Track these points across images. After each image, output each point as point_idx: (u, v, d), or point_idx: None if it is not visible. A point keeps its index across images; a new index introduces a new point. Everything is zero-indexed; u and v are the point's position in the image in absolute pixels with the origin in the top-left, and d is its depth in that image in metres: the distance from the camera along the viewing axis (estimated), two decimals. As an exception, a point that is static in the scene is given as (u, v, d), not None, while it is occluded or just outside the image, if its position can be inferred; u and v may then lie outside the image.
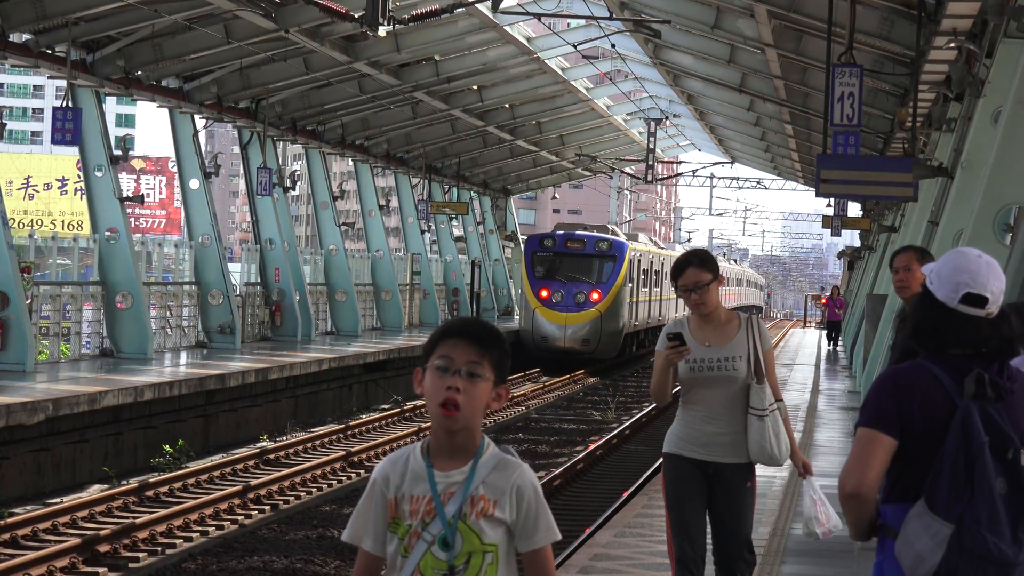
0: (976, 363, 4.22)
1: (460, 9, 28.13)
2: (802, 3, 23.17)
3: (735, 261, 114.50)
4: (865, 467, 4.16)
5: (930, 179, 19.62)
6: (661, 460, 7.63)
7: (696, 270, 7.25)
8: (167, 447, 22.41)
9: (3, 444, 18.56)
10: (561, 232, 43.72)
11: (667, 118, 48.47)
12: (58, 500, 18.47)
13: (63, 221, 79.27)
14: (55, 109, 25.27)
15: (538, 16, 30.40)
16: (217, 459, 22.24)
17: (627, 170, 60.48)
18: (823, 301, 61.71)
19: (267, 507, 18.66)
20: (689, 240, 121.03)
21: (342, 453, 22.83)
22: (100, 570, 14.61)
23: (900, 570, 4.17)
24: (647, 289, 47.68)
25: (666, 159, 62.29)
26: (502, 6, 30.12)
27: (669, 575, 10.14)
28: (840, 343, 43.55)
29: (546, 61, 36.43)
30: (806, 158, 44.35)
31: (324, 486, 20.61)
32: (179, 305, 29.71)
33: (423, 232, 45.77)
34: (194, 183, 30.91)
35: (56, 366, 24.22)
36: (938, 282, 4.34)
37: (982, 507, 4.06)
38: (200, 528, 16.91)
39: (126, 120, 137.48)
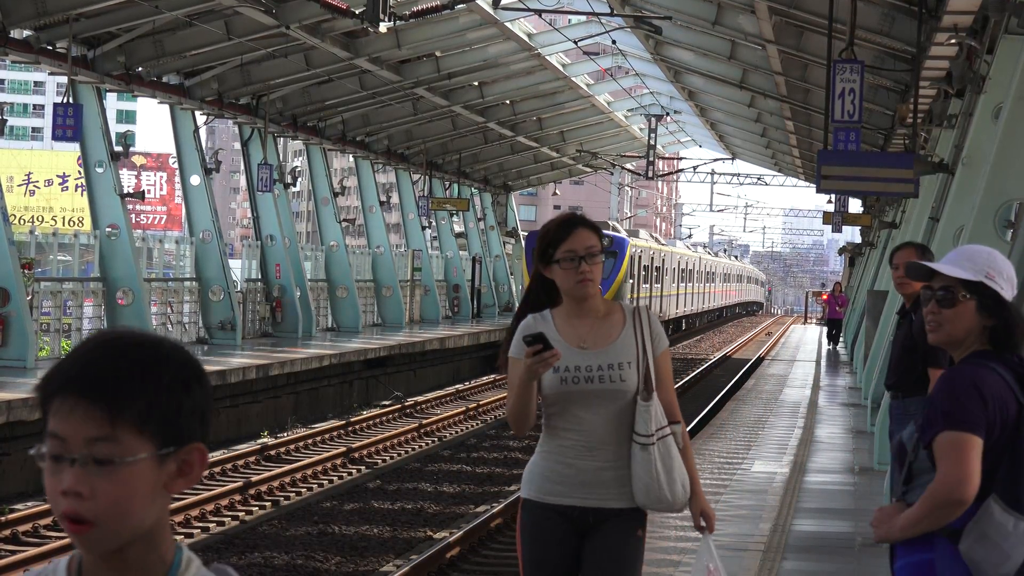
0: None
1: (461, 5, 28.12)
2: (803, -1, 23.16)
3: (736, 257, 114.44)
4: (972, 473, 4.17)
5: (931, 175, 19.62)
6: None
7: (588, 232, 5.33)
8: (168, 443, 22.38)
9: (4, 440, 18.57)
10: (562, 228, 43.63)
11: (668, 114, 48.43)
12: (59, 496, 18.45)
13: (64, 217, 79.27)
14: (56, 105, 25.27)
15: (539, 12, 30.38)
16: (218, 455, 22.24)
17: (628, 166, 60.46)
18: (823, 297, 61.69)
19: (268, 503, 18.67)
20: (690, 236, 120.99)
21: (343, 449, 22.84)
22: (101, 566, 14.61)
23: (961, 569, 4.17)
24: (648, 285, 47.66)
25: (667, 155, 62.27)
26: (503, 2, 30.10)
27: (671, 571, 10.15)
28: (841, 342, 43.38)
29: (547, 57, 36.42)
30: (807, 154, 44.33)
31: (325, 482, 20.62)
32: (180, 301, 29.72)
33: (424, 228, 45.76)
34: (195, 179, 30.91)
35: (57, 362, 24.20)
36: (1007, 285, 4.37)
37: None
38: (201, 524, 16.92)
39: (127, 116, 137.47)
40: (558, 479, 5.32)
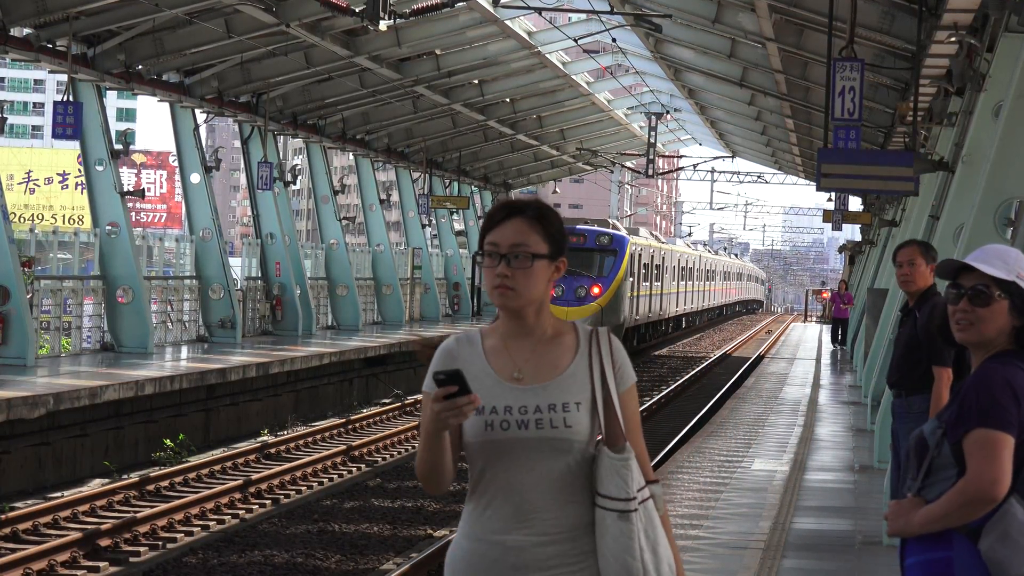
0: None
1: (461, 3, 28.12)
2: (803, -3, 23.16)
3: (736, 255, 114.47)
4: (1006, 472, 4.15)
5: (931, 173, 19.62)
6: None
7: (524, 225, 3.97)
8: (168, 441, 22.41)
9: (4, 438, 18.56)
10: (562, 226, 43.65)
11: (668, 112, 48.43)
12: (59, 494, 18.48)
13: (64, 215, 79.29)
14: (56, 103, 25.28)
15: (539, 10, 30.37)
16: (218, 453, 22.25)
17: (628, 164, 60.45)
18: (824, 295, 61.73)
19: (268, 501, 18.67)
20: (690, 234, 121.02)
21: (343, 447, 22.84)
22: (101, 564, 14.63)
23: (980, 568, 4.17)
24: (648, 284, 47.67)
25: (667, 153, 62.30)
26: (502, 0, 30.12)
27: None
28: (844, 343, 43.12)
29: (547, 55, 36.41)
30: (807, 152, 44.33)
31: (325, 480, 20.62)
32: (180, 299, 29.72)
33: (424, 226, 45.77)
34: (195, 177, 30.91)
35: (57, 360, 24.23)
36: None
37: None
38: (201, 522, 16.92)
39: (127, 114, 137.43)
40: (484, 565, 3.94)
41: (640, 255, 45.57)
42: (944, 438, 4.28)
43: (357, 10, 24.01)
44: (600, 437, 3.97)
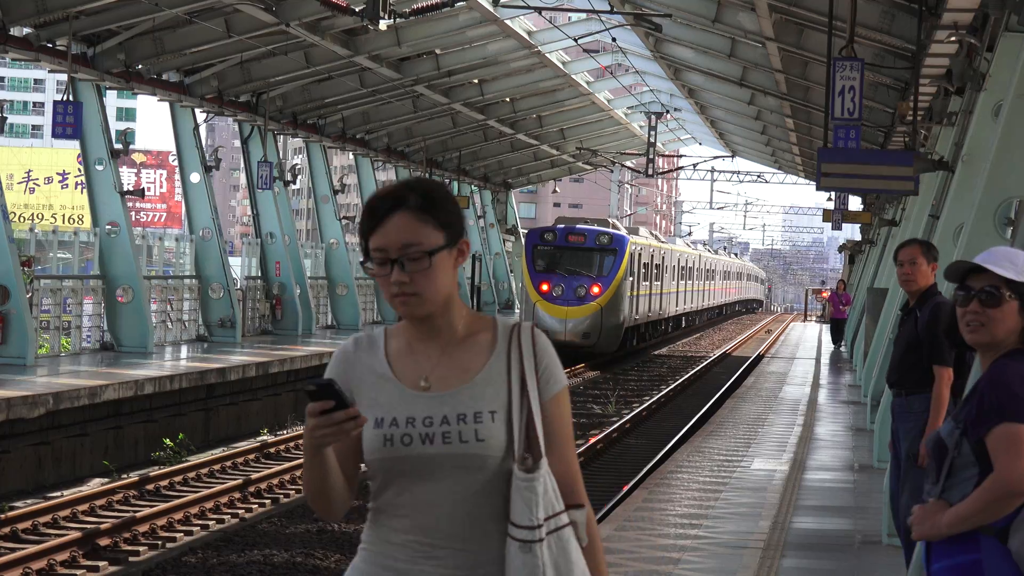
0: None
1: (461, 3, 28.14)
2: (803, -3, 23.16)
3: (735, 255, 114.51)
4: None
5: (931, 173, 19.61)
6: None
7: (411, 219, 3.40)
8: (167, 441, 22.41)
9: (3, 438, 18.56)
10: (562, 226, 43.70)
11: (668, 112, 48.44)
12: (58, 494, 18.48)
13: (64, 215, 79.29)
14: (56, 103, 25.29)
15: (539, 10, 30.39)
16: (218, 453, 22.25)
17: (628, 164, 60.48)
18: (823, 295, 61.75)
19: (267, 501, 18.66)
20: (690, 233, 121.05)
21: (343, 447, 22.84)
22: (100, 564, 14.62)
23: (1011, 568, 4.16)
24: (648, 283, 47.67)
25: (667, 153, 62.32)
26: (503, 0, 30.12)
27: (670, 569, 10.16)
28: (843, 345, 43.08)
29: (547, 55, 36.42)
30: (807, 152, 44.33)
31: (325, 480, 20.58)
32: (180, 299, 29.72)
33: (424, 226, 45.74)
34: (195, 177, 30.91)
35: (56, 360, 24.23)
36: None
37: None
38: (200, 522, 16.91)
39: (127, 114, 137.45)
40: None
41: (640, 254, 45.57)
42: (963, 438, 4.27)
43: (357, 9, 24.01)
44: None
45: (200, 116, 31.28)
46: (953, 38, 18.99)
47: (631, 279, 43.82)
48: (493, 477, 3.38)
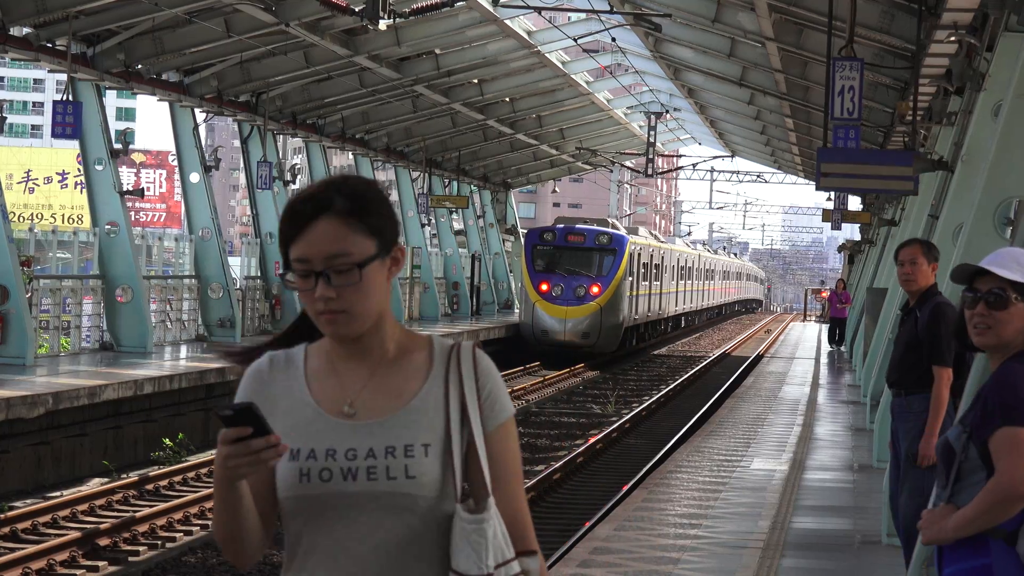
0: None
1: (460, 3, 28.13)
2: (802, -3, 23.16)
3: (735, 255, 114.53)
4: None
5: (930, 173, 19.61)
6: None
7: (337, 224, 2.93)
8: (167, 441, 22.40)
9: (3, 438, 18.56)
10: (561, 226, 43.72)
11: (667, 112, 48.44)
12: (58, 494, 18.48)
13: (63, 215, 79.27)
14: (55, 103, 25.29)
15: (538, 10, 30.39)
16: (217, 453, 22.23)
17: (627, 164, 60.48)
18: (823, 295, 61.74)
19: (267, 501, 18.65)
20: (689, 233, 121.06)
21: (342, 447, 22.85)
22: (100, 564, 14.62)
23: (1020, 571, 4.16)
24: (647, 283, 47.69)
25: (666, 153, 62.30)
26: (502, 0, 30.12)
27: (670, 568, 10.16)
28: (842, 344, 43.05)
29: (546, 55, 36.42)
30: (806, 152, 44.33)
31: (324, 480, 20.58)
32: (179, 299, 29.72)
33: (423, 226, 45.77)
34: (194, 177, 30.90)
35: (56, 360, 24.23)
36: None
37: None
38: (200, 522, 16.91)
39: (126, 114, 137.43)
40: None
41: (639, 254, 45.58)
42: (970, 442, 4.27)
43: (357, 9, 24.01)
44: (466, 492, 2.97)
45: (200, 116, 31.27)
46: (953, 38, 19.00)
47: (630, 279, 43.83)
48: (426, 520, 2.92)
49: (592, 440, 24.04)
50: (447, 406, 2.96)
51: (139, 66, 27.50)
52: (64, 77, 25.64)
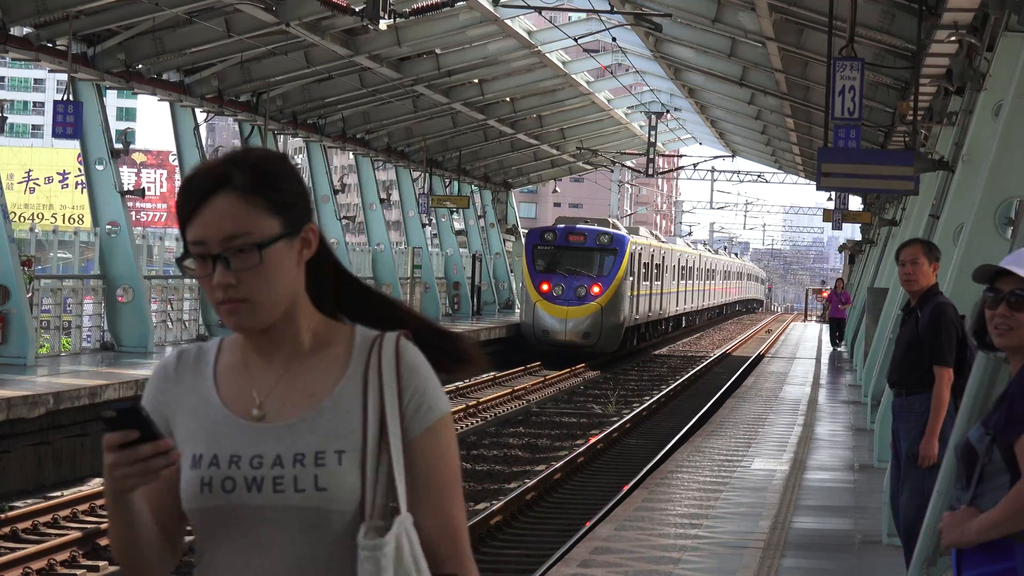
0: None
1: (461, 3, 28.13)
2: (803, -4, 23.17)
3: (736, 255, 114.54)
4: None
5: (931, 172, 19.61)
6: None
7: (236, 201, 2.58)
8: (168, 441, 22.40)
9: (4, 438, 18.56)
10: (562, 226, 43.73)
11: (668, 112, 48.45)
12: (59, 494, 18.48)
13: (64, 215, 79.30)
14: (56, 103, 25.30)
15: (539, 10, 30.39)
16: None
17: (628, 164, 60.49)
18: (823, 295, 61.70)
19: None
20: (690, 233, 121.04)
21: (343, 447, 22.85)
22: (100, 563, 14.62)
23: None
24: (648, 283, 47.70)
25: (667, 153, 62.28)
26: (503, 0, 30.12)
27: (670, 568, 10.16)
28: (842, 344, 43.09)
29: (547, 55, 36.42)
30: (807, 151, 44.33)
31: (325, 479, 20.57)
32: (180, 299, 29.72)
33: (424, 226, 45.78)
34: (195, 177, 30.91)
35: (57, 360, 24.23)
36: None
37: None
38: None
39: (127, 114, 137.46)
40: None
41: (640, 254, 45.58)
42: (993, 444, 4.23)
43: (357, 9, 24.01)
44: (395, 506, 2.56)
45: (200, 116, 31.27)
46: (953, 38, 19.00)
47: (631, 279, 43.84)
48: (343, 540, 2.53)
49: (593, 440, 24.05)
50: (365, 406, 2.57)
51: (139, 66, 27.50)
52: (65, 77, 25.65)
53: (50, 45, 24.95)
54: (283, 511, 2.53)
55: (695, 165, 68.55)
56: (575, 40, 35.03)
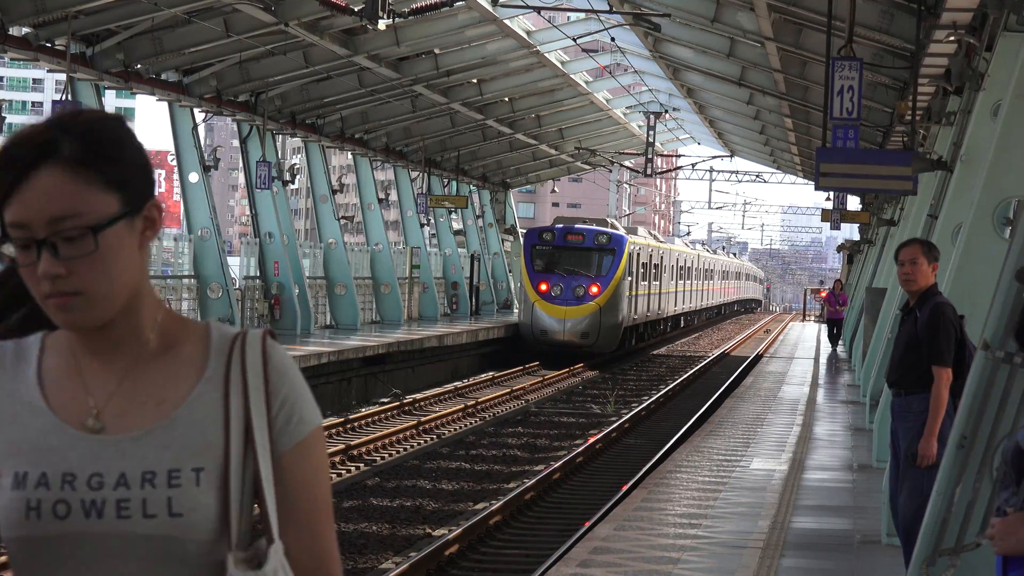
0: None
1: (460, 3, 28.15)
2: (802, -4, 23.18)
3: (734, 255, 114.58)
4: None
5: (929, 172, 19.62)
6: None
7: (63, 176, 2.10)
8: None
9: None
10: (560, 226, 43.73)
11: (666, 111, 48.45)
12: None
13: (62, 215, 79.37)
14: (55, 102, 25.34)
15: (537, 9, 30.40)
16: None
17: (626, 164, 60.50)
18: (822, 295, 61.77)
19: (267, 500, 18.63)
20: (689, 233, 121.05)
21: (342, 447, 22.83)
22: None
23: None
24: (646, 283, 47.71)
25: (665, 153, 62.28)
26: (501, 0, 30.13)
27: (670, 568, 10.16)
28: (841, 344, 43.13)
29: (545, 55, 36.43)
30: (805, 151, 44.34)
31: (324, 479, 20.56)
32: (178, 299, 29.73)
33: (422, 226, 45.78)
34: (193, 177, 30.91)
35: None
36: None
37: None
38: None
39: (125, 113, 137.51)
40: None
41: (638, 254, 45.60)
42: None
43: (356, 9, 24.02)
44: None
45: (199, 116, 31.28)
46: (952, 38, 19.01)
47: (630, 279, 43.85)
48: (197, 571, 2.14)
49: (592, 440, 24.05)
50: (227, 416, 2.16)
51: (138, 66, 27.51)
52: (63, 77, 25.65)
53: (49, 45, 24.96)
54: (129, 541, 2.12)
55: (693, 165, 68.56)
56: (574, 40, 35.04)
